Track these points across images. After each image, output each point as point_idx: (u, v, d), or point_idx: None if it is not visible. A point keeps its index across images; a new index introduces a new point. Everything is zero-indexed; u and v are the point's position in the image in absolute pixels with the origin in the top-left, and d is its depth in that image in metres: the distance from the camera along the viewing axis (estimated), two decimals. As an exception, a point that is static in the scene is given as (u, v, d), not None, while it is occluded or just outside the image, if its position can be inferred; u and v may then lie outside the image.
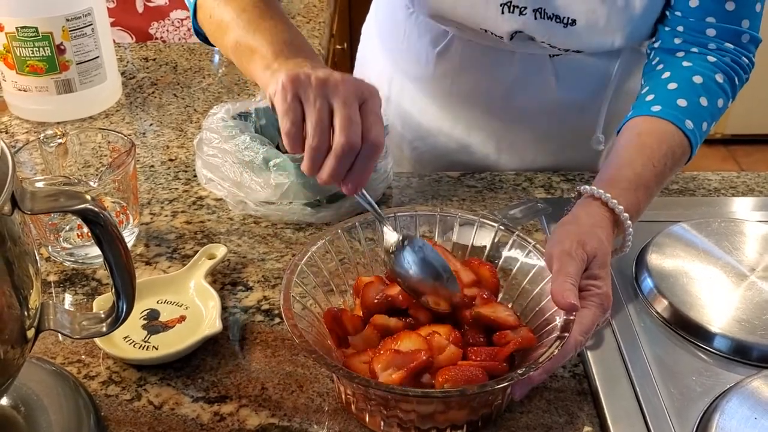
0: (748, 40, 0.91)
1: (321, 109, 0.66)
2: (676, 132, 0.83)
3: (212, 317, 0.77)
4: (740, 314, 0.77)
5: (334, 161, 0.66)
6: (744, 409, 0.66)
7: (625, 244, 0.80)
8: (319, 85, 0.67)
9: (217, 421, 0.69)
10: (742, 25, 0.90)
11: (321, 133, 0.66)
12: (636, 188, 0.79)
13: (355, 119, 0.66)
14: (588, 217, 0.77)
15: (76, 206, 0.55)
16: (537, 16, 0.93)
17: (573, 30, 0.94)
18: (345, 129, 0.65)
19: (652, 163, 0.81)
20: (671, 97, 0.85)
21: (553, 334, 0.66)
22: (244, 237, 0.91)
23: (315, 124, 0.66)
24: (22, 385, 0.67)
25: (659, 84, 0.88)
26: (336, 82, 0.67)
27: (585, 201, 0.79)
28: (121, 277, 0.59)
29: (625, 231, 0.78)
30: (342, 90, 0.67)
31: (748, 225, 0.89)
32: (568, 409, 0.70)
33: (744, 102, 2.98)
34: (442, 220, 0.80)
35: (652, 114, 0.85)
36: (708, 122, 0.86)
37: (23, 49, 1.10)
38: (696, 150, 0.85)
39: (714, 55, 0.89)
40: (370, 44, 1.22)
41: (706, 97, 0.86)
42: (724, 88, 0.88)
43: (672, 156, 0.83)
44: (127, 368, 0.74)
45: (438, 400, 0.63)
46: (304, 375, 0.73)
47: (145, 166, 1.05)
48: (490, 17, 0.95)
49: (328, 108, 0.66)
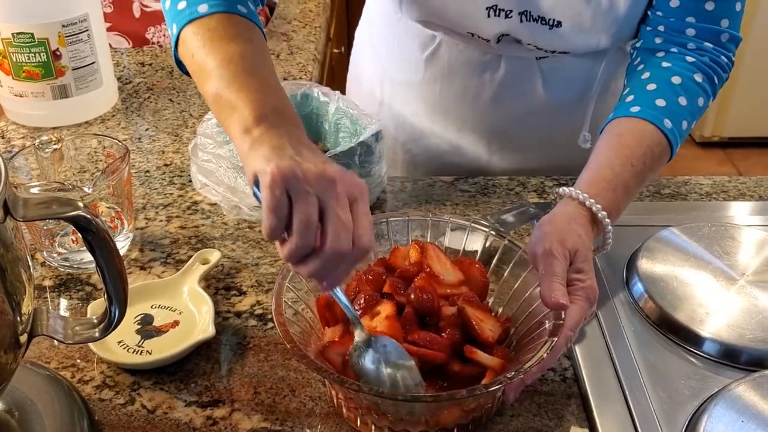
0: (728, 39, 0.92)
1: (311, 209, 0.60)
2: (654, 131, 0.85)
3: (206, 322, 0.77)
4: (729, 318, 0.78)
5: (319, 264, 0.61)
6: (731, 412, 0.67)
7: (606, 243, 0.81)
8: (314, 182, 0.60)
9: (210, 425, 0.69)
10: (721, 24, 0.91)
11: (309, 235, 0.60)
12: (614, 188, 0.81)
13: (348, 225, 0.60)
14: (565, 216, 0.78)
15: (68, 213, 0.56)
16: (523, 19, 0.94)
17: (559, 32, 0.95)
18: (338, 235, 0.60)
19: (630, 163, 0.82)
20: (650, 98, 0.87)
21: (543, 338, 0.67)
22: (238, 242, 0.92)
23: (303, 224, 0.60)
24: (15, 389, 0.67)
25: (639, 84, 0.89)
26: (331, 180, 0.61)
27: (564, 202, 0.80)
28: (113, 283, 0.60)
29: (604, 229, 0.79)
30: (336, 189, 0.61)
31: (738, 229, 0.90)
32: (558, 413, 0.71)
33: (741, 105, 3.02)
34: (434, 225, 0.81)
35: (631, 114, 0.86)
36: (688, 121, 0.88)
37: (19, 55, 1.10)
38: (676, 149, 0.87)
39: (693, 55, 0.90)
40: (362, 49, 1.23)
41: (685, 97, 0.87)
42: (704, 87, 0.89)
43: (651, 155, 0.84)
44: (120, 373, 0.75)
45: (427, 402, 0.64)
46: (296, 379, 0.74)
47: (141, 171, 1.06)
48: (476, 21, 0.96)
49: (317, 206, 0.60)
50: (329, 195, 0.60)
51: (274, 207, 0.60)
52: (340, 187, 0.61)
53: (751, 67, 2.85)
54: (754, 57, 2.81)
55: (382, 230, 0.80)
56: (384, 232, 0.80)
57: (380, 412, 0.66)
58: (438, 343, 0.67)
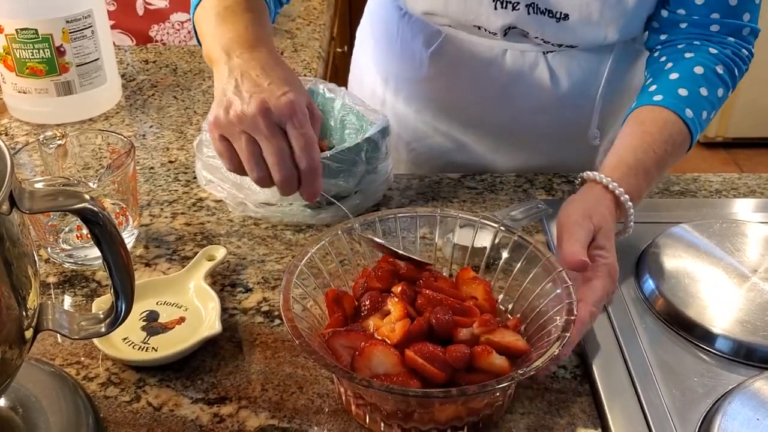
0: (749, 33, 0.94)
1: (246, 146, 0.70)
2: (676, 120, 0.86)
3: (212, 318, 0.76)
4: (742, 315, 0.77)
5: (282, 189, 0.72)
6: (746, 410, 0.66)
7: (627, 227, 0.82)
8: (240, 122, 0.70)
9: (217, 422, 0.68)
10: (743, 18, 0.92)
11: (256, 167, 0.71)
12: (636, 173, 0.82)
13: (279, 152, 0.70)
14: (591, 196, 0.80)
15: (75, 206, 0.55)
16: (530, 11, 0.94)
17: (566, 24, 0.94)
18: (275, 165, 0.70)
19: (652, 149, 0.84)
20: (673, 87, 0.88)
21: (554, 335, 0.66)
22: (243, 238, 0.91)
23: (245, 160, 0.71)
24: (20, 386, 0.67)
25: (662, 74, 0.91)
26: (252, 116, 0.69)
27: (588, 186, 0.82)
28: (120, 277, 0.59)
29: (626, 213, 0.81)
30: (260, 123, 0.69)
31: (749, 226, 0.89)
32: (570, 411, 0.70)
33: (745, 105, 3.01)
34: (442, 222, 0.80)
35: (654, 103, 0.87)
36: (708, 111, 0.89)
37: (23, 51, 1.10)
38: (696, 138, 0.88)
39: (715, 47, 0.92)
40: (364, 48, 1.22)
41: (706, 87, 0.88)
42: (724, 78, 0.90)
43: (672, 143, 0.85)
44: (126, 370, 0.74)
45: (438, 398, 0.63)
46: (303, 376, 0.73)
47: (145, 168, 1.05)
48: (483, 13, 0.96)
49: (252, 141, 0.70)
50: (257, 131, 0.69)
51: (218, 152, 0.73)
52: (264, 120, 0.68)
53: (755, 68, 2.81)
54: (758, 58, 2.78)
55: (389, 226, 0.79)
56: (392, 229, 0.79)
57: (390, 411, 0.65)
58: (441, 361, 0.65)
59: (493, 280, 0.77)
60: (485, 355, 0.65)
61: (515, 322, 0.71)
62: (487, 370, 0.65)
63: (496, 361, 0.65)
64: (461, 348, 0.65)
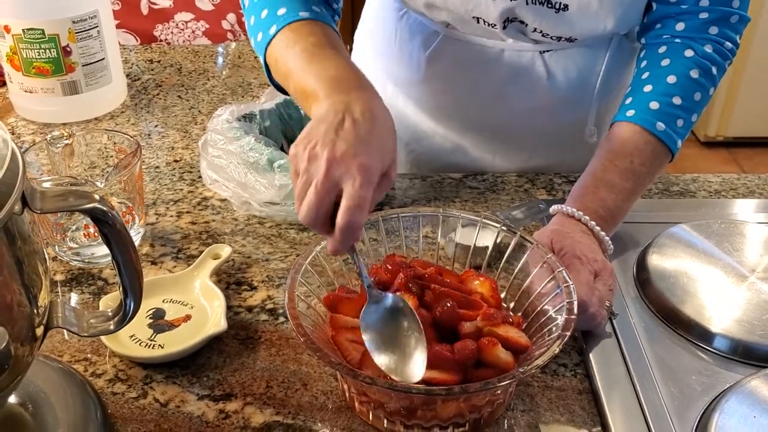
0: (737, 20, 0.93)
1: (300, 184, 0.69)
2: (644, 133, 0.88)
3: (217, 316, 0.77)
4: (740, 314, 0.78)
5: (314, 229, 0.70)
6: (743, 407, 0.67)
7: (607, 249, 0.84)
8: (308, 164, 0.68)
9: (223, 418, 0.70)
10: (732, 5, 0.92)
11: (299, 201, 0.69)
12: (595, 190, 0.86)
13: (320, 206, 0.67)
14: (565, 227, 0.83)
15: (85, 205, 0.56)
16: (529, 1, 0.94)
17: (565, 15, 0.94)
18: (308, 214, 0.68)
19: (613, 164, 0.87)
20: (645, 101, 0.90)
21: (555, 333, 0.67)
22: (248, 237, 0.92)
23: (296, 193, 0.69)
24: (29, 382, 0.68)
25: (638, 85, 0.92)
26: (320, 164, 0.67)
27: (557, 219, 0.85)
28: (128, 276, 0.60)
29: (598, 237, 0.83)
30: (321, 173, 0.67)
31: (748, 226, 0.90)
32: (570, 408, 0.71)
33: (745, 105, 3.02)
34: (444, 221, 0.81)
35: (626, 119, 0.90)
36: (684, 118, 0.90)
37: (29, 51, 1.11)
38: (676, 146, 0.89)
39: (695, 46, 0.91)
40: (363, 51, 1.22)
41: (679, 96, 0.89)
42: (700, 81, 0.90)
43: (639, 154, 0.87)
44: (133, 366, 0.75)
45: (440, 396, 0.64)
46: (308, 373, 0.74)
47: (150, 167, 1.06)
48: (481, 3, 0.96)
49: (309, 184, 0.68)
50: (315, 176, 0.68)
51: (291, 174, 0.71)
52: (326, 171, 0.67)
53: (755, 67, 2.85)
54: (759, 57, 2.81)
55: (392, 226, 0.80)
56: (394, 228, 0.80)
57: (393, 409, 0.66)
58: (451, 362, 0.66)
59: (495, 279, 0.78)
60: (491, 347, 0.66)
61: (517, 320, 0.73)
62: (494, 364, 0.66)
63: (501, 354, 0.67)
64: (468, 344, 0.66)
